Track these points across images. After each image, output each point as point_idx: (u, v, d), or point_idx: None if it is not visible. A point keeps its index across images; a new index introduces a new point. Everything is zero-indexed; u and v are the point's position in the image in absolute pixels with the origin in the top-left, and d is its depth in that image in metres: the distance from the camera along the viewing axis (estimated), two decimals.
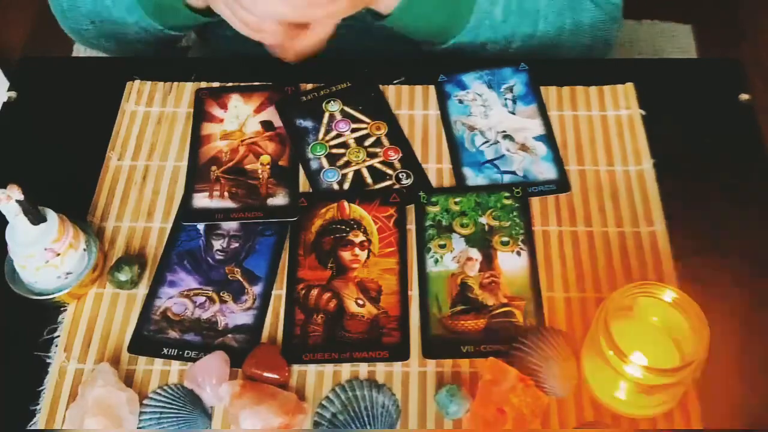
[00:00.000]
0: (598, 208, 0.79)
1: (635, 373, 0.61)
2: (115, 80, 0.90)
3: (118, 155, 0.84)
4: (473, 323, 0.72)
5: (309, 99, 0.87)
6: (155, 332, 0.72)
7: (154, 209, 0.80)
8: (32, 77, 0.93)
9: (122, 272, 0.74)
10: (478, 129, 0.84)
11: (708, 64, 0.96)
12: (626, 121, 0.85)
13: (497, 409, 0.65)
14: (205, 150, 0.84)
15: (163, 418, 0.67)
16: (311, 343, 0.71)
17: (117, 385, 0.67)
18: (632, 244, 0.76)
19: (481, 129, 0.84)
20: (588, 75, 0.88)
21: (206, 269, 0.76)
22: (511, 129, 0.84)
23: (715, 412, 0.67)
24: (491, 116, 0.85)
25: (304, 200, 0.80)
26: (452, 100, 0.87)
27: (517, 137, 0.84)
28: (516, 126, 0.84)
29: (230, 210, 0.79)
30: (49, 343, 0.72)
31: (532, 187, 0.80)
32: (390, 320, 0.72)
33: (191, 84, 0.89)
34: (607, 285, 0.73)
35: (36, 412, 0.68)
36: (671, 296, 0.64)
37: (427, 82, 0.88)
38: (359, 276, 0.75)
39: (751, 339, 0.70)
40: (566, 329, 0.71)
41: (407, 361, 0.70)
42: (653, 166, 0.81)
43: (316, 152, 0.83)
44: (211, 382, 0.67)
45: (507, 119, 0.85)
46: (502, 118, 0.85)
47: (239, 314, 0.73)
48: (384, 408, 0.67)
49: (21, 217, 0.69)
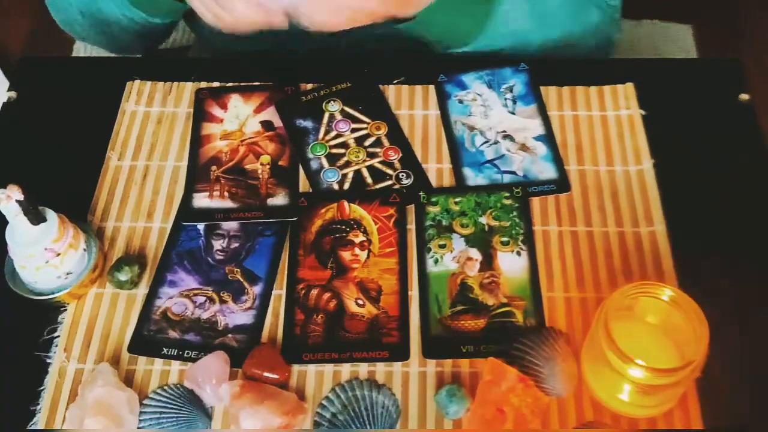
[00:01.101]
0: (598, 208, 0.79)
1: (635, 373, 0.61)
2: (115, 80, 0.90)
3: (118, 155, 0.84)
4: (473, 323, 0.72)
5: (309, 99, 0.87)
6: (155, 332, 0.72)
7: (154, 209, 0.80)
8: (32, 77, 0.93)
9: (122, 272, 0.74)
10: (478, 129, 0.84)
11: (708, 64, 0.96)
12: (626, 121, 0.85)
13: (497, 409, 0.65)
14: (205, 150, 0.84)
15: (163, 418, 0.67)
16: (311, 343, 0.71)
17: (117, 385, 0.67)
18: (632, 244, 0.76)
19: (481, 129, 0.84)
20: (588, 75, 0.88)
21: (206, 269, 0.76)
22: (511, 129, 0.84)
23: (715, 412, 0.67)
24: (491, 116, 0.85)
25: (304, 200, 0.80)
26: (452, 100, 0.87)
27: (517, 137, 0.84)
28: (516, 126, 0.84)
29: (230, 210, 0.79)
30: (49, 343, 0.72)
31: (532, 187, 0.80)
32: (390, 320, 0.72)
33: (191, 84, 0.89)
34: (607, 285, 0.73)
35: (36, 412, 0.68)
36: (671, 296, 0.64)
37: (427, 82, 0.88)
38: (359, 276, 0.75)
39: (751, 339, 0.70)
40: (566, 329, 0.71)
41: (407, 361, 0.70)
42: (653, 166, 0.81)
43: (316, 152, 0.83)
44: (211, 382, 0.67)
45: (507, 119, 0.85)
46: (502, 118, 0.85)
47: (239, 314, 0.73)
48: (384, 408, 0.67)
49: (21, 217, 0.69)
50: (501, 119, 0.85)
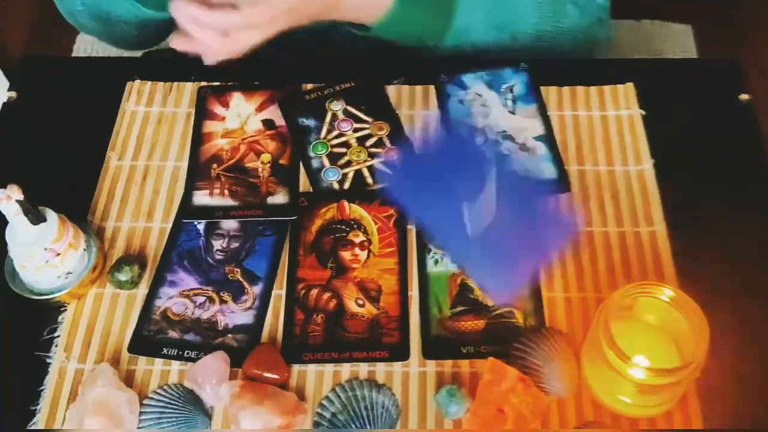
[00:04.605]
0: (598, 208, 0.79)
1: (635, 374, 0.61)
2: (115, 80, 0.90)
3: (118, 155, 0.84)
4: (473, 324, 0.72)
5: (312, 98, 0.87)
6: (155, 332, 0.72)
7: (154, 209, 0.80)
8: (32, 77, 0.93)
9: (122, 272, 0.74)
10: (478, 129, 0.84)
11: (708, 64, 0.96)
12: (626, 121, 0.85)
13: (497, 409, 0.65)
14: (206, 148, 0.84)
15: (163, 418, 0.67)
16: (311, 343, 0.71)
17: (117, 385, 0.67)
18: (632, 244, 0.76)
19: (482, 129, 0.84)
20: (588, 75, 0.88)
21: (206, 269, 0.76)
22: (511, 129, 0.84)
23: (715, 412, 0.67)
24: (491, 116, 0.85)
25: (305, 200, 0.80)
26: (452, 100, 0.87)
27: (517, 137, 0.84)
28: (516, 126, 0.84)
29: (230, 208, 0.79)
30: (49, 343, 0.72)
31: None
32: (390, 320, 0.72)
33: (191, 84, 0.89)
34: (607, 285, 0.73)
35: (36, 412, 0.68)
36: (671, 296, 0.64)
37: (427, 82, 0.88)
38: (359, 276, 0.75)
39: (751, 339, 0.70)
40: (566, 329, 0.71)
41: (407, 361, 0.70)
42: (653, 166, 0.81)
43: (318, 151, 0.83)
44: (211, 382, 0.67)
45: (507, 119, 0.85)
46: (502, 119, 0.85)
47: (239, 314, 0.73)
48: (384, 408, 0.67)
49: (21, 217, 0.69)
50: (501, 119, 0.85)
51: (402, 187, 0.76)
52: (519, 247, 0.72)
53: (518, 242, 0.72)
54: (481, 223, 0.70)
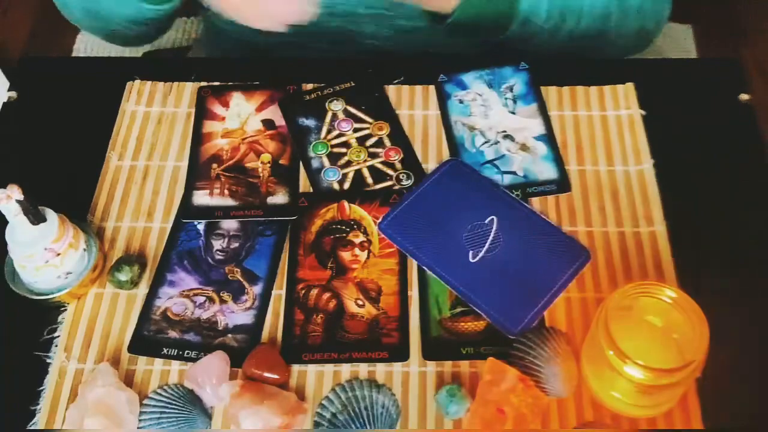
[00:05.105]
0: (598, 208, 0.79)
1: (635, 374, 0.61)
2: (115, 80, 0.90)
3: (118, 155, 0.84)
4: (473, 325, 0.72)
5: (312, 98, 0.87)
6: (155, 332, 0.72)
7: (154, 209, 0.80)
8: (32, 77, 0.93)
9: (122, 272, 0.74)
10: (478, 129, 0.84)
11: (708, 64, 0.96)
12: (626, 121, 0.85)
13: (497, 409, 0.65)
14: (206, 148, 0.84)
15: (163, 418, 0.67)
16: (311, 343, 0.71)
17: (117, 385, 0.67)
18: (632, 244, 0.76)
19: (481, 129, 0.84)
20: (588, 75, 0.88)
21: (206, 269, 0.76)
22: (512, 129, 0.84)
23: (715, 412, 0.67)
24: (491, 116, 0.85)
25: (305, 200, 0.80)
26: (452, 100, 0.87)
27: (517, 137, 0.84)
28: (516, 126, 0.84)
29: (230, 208, 0.79)
30: (49, 343, 0.72)
31: (532, 187, 0.80)
32: (390, 321, 0.72)
33: (191, 84, 0.89)
34: (607, 285, 0.74)
35: (36, 412, 0.68)
36: (671, 296, 0.64)
37: (427, 82, 0.88)
38: (359, 276, 0.75)
39: (751, 339, 0.70)
40: (566, 329, 0.71)
41: (407, 361, 0.70)
42: (653, 166, 0.81)
43: (318, 151, 0.83)
44: (211, 382, 0.67)
45: (507, 119, 0.85)
46: (503, 118, 0.85)
47: (239, 314, 0.73)
48: (384, 408, 0.67)
49: (21, 217, 0.69)
50: (501, 119, 0.85)
51: (405, 232, 0.76)
52: (528, 277, 0.72)
53: (527, 273, 0.73)
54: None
